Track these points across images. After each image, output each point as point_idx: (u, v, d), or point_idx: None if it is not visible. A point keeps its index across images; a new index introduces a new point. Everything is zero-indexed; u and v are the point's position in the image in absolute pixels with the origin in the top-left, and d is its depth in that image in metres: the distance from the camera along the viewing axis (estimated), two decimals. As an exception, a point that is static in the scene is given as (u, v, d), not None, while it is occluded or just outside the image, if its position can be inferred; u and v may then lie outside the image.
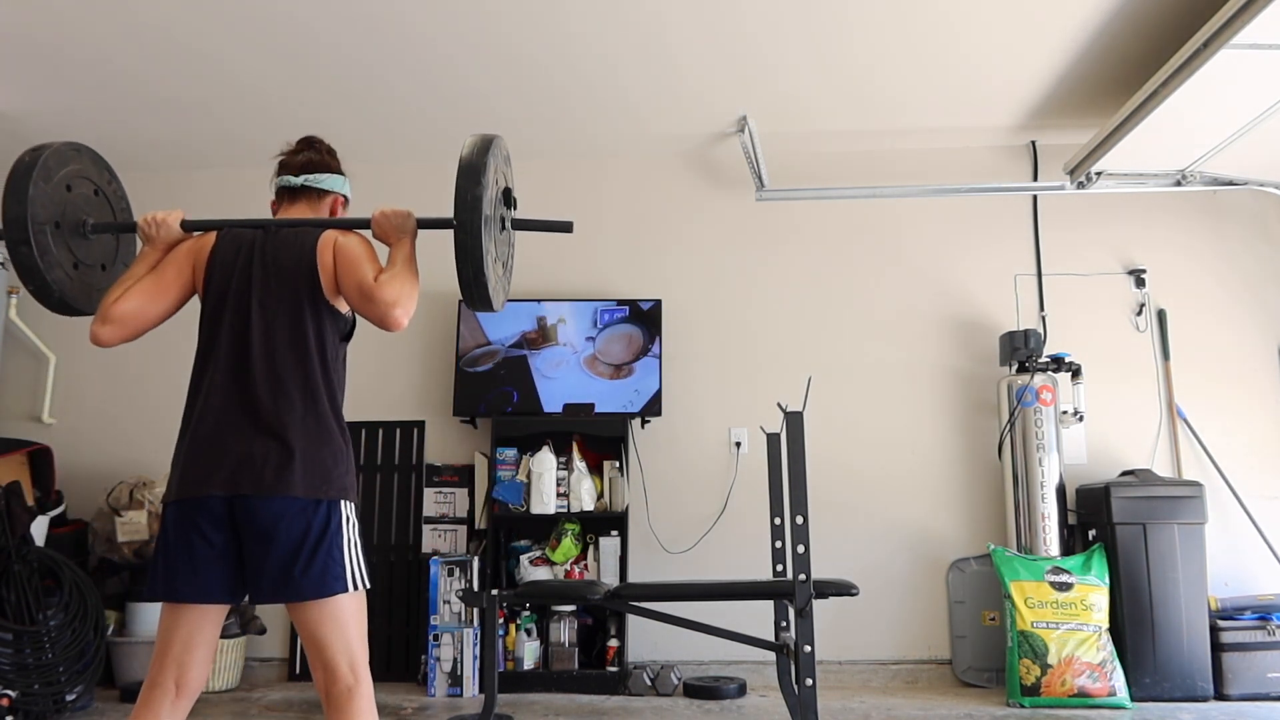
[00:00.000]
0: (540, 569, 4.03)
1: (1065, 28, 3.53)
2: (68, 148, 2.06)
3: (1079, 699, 3.57)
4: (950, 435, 4.35)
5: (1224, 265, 4.39)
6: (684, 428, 4.39)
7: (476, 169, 1.91)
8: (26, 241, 1.90)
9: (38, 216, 1.92)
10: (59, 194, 2.01)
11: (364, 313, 1.89)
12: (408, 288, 1.88)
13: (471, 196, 1.87)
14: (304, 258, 1.92)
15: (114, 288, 1.94)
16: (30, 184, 1.91)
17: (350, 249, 1.93)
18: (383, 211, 2.02)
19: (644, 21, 3.47)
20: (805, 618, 2.55)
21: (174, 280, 1.96)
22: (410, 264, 1.95)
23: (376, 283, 1.86)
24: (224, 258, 1.94)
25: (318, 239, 1.94)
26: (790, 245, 4.55)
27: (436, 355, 4.54)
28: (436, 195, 4.95)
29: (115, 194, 2.21)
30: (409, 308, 1.87)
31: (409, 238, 2.00)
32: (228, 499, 1.76)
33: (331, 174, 2.09)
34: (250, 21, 3.43)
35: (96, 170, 2.16)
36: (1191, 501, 3.78)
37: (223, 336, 1.88)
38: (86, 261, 2.08)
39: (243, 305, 1.88)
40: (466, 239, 1.87)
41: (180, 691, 1.79)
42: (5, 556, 3.55)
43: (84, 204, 2.09)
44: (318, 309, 1.90)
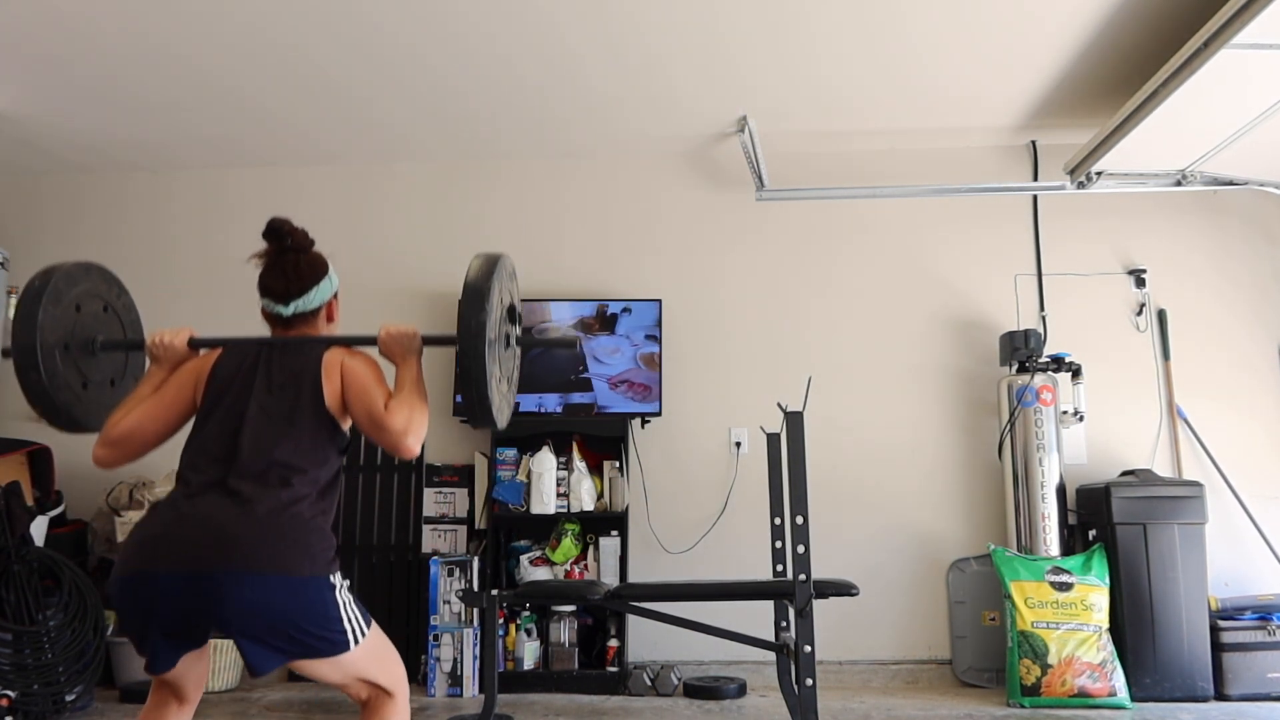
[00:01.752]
0: (540, 569, 4.03)
1: (1065, 27, 3.53)
2: (77, 268, 2.07)
3: (1079, 699, 3.57)
4: (950, 435, 4.34)
5: (1224, 265, 4.39)
6: (684, 428, 4.39)
7: (481, 294, 1.90)
8: (36, 368, 1.93)
9: (47, 342, 1.94)
10: (68, 315, 2.02)
11: (376, 440, 1.89)
12: (418, 414, 1.88)
13: (475, 323, 1.87)
14: (308, 369, 1.91)
15: (118, 409, 1.94)
16: (40, 310, 1.93)
17: (359, 375, 1.91)
18: (388, 332, 2.01)
19: (645, 21, 3.47)
20: (805, 618, 2.55)
21: (174, 400, 1.95)
22: (418, 386, 1.95)
23: (387, 411, 1.85)
24: (226, 368, 1.94)
25: (323, 354, 1.94)
26: (790, 245, 4.55)
27: (437, 355, 4.54)
28: (436, 194, 4.97)
29: (124, 307, 2.22)
30: (420, 434, 1.87)
31: (415, 357, 2.01)
32: (195, 576, 1.67)
33: (315, 284, 2.03)
34: (242, 30, 3.43)
35: (106, 286, 2.16)
36: (1192, 501, 3.78)
37: (214, 423, 1.86)
38: (95, 379, 2.10)
39: (240, 403, 1.86)
40: (470, 364, 1.87)
41: (183, 703, 1.87)
42: (5, 556, 3.55)
43: (93, 322, 2.10)
44: (317, 419, 1.87)
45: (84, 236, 4.78)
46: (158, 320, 2.43)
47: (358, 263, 4.67)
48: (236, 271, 5.20)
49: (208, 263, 4.70)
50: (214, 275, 4.68)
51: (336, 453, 1.91)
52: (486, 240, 4.64)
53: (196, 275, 4.69)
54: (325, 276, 2.05)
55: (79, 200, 4.83)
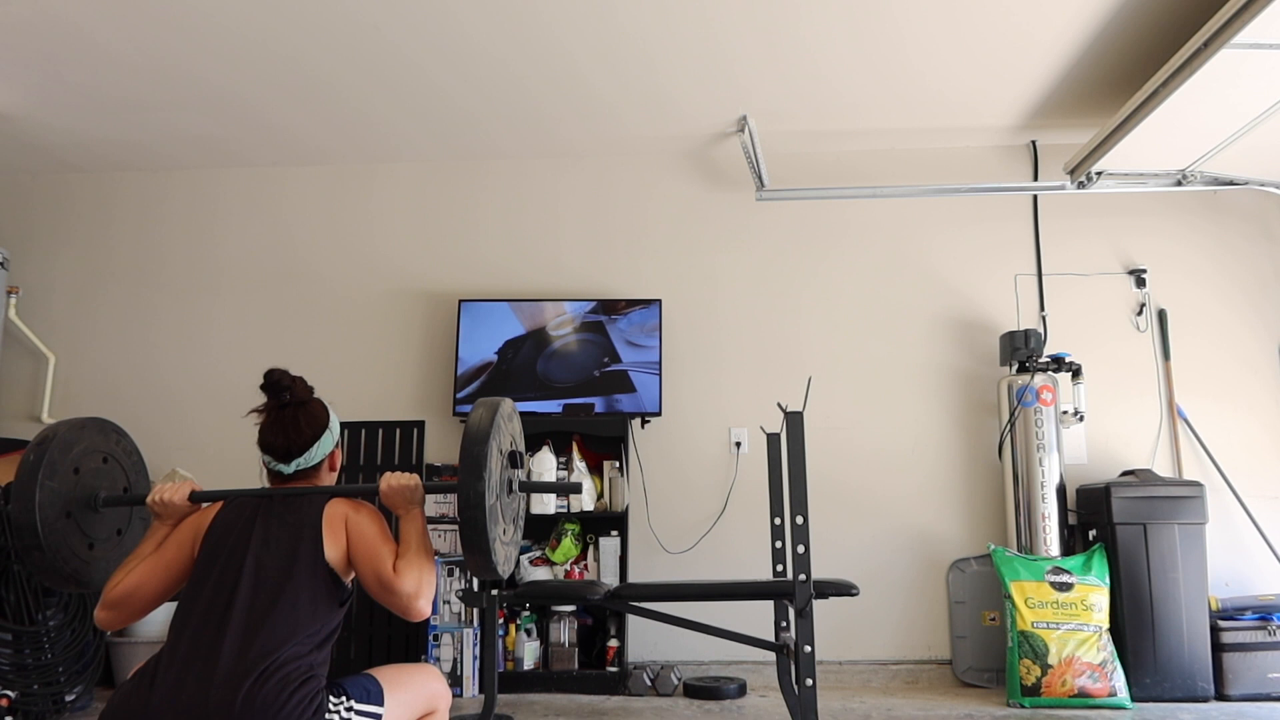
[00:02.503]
0: (540, 569, 4.03)
1: (1066, 27, 3.53)
2: (71, 431, 2.04)
3: (1079, 699, 3.57)
4: (950, 435, 4.34)
5: (1225, 265, 4.39)
6: (684, 428, 4.39)
7: (479, 461, 1.84)
8: (39, 547, 1.92)
9: (47, 518, 1.93)
10: (67, 482, 2.01)
11: (384, 603, 1.85)
12: (426, 574, 1.85)
13: (475, 494, 1.82)
14: (308, 523, 1.87)
15: (119, 569, 1.91)
16: (37, 488, 1.92)
17: (365, 533, 1.88)
18: (390, 485, 1.98)
19: (645, 22, 3.47)
20: (805, 618, 2.54)
21: (174, 558, 1.91)
22: (423, 541, 1.92)
23: (396, 575, 1.82)
24: (226, 519, 1.90)
25: (324, 505, 1.91)
26: (790, 245, 4.55)
27: (437, 355, 4.54)
28: (436, 194, 4.97)
29: (125, 452, 2.20)
30: (429, 594, 1.84)
31: (418, 509, 1.98)
32: None
33: (317, 440, 2.00)
34: (236, 33, 3.44)
35: (103, 438, 2.14)
36: (1192, 501, 3.78)
37: (208, 587, 1.79)
38: (100, 536, 2.09)
39: (236, 559, 1.81)
40: (472, 534, 1.84)
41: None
42: (4, 556, 3.55)
43: (93, 479, 2.09)
44: (316, 574, 1.82)
45: (83, 236, 4.78)
46: (159, 320, 2.46)
47: (352, 265, 4.68)
48: (233, 271, 5.21)
49: (205, 262, 4.70)
50: (210, 275, 4.68)
51: (337, 606, 1.86)
52: (487, 240, 4.65)
53: (195, 275, 4.69)
54: (326, 430, 2.02)
55: (79, 200, 4.83)
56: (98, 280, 4.73)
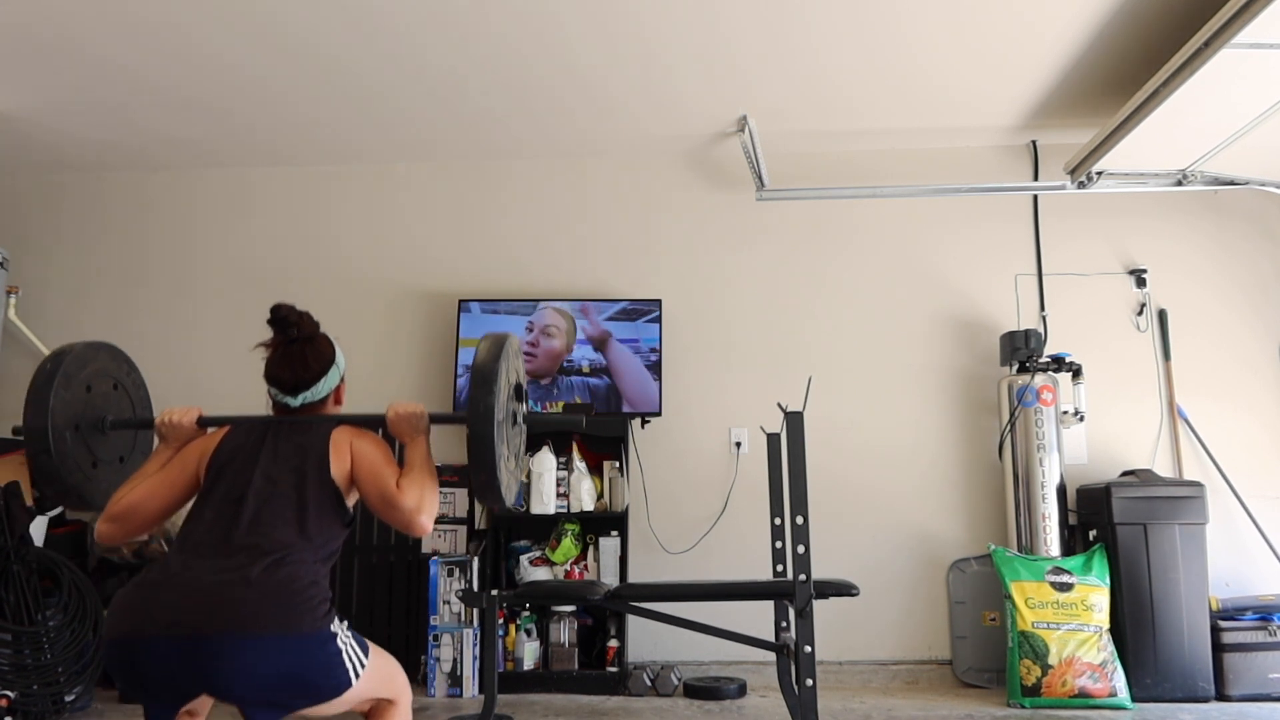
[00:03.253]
0: (540, 569, 4.03)
1: (1066, 27, 3.53)
2: (88, 349, 2.10)
3: (1080, 699, 3.57)
4: (950, 435, 4.34)
5: (1225, 265, 4.39)
6: (684, 428, 4.39)
7: (489, 377, 1.91)
8: (47, 451, 1.96)
9: (58, 425, 1.98)
10: (79, 396, 2.05)
11: (387, 519, 1.89)
12: (429, 492, 1.90)
13: (484, 406, 1.88)
14: (316, 443, 1.91)
15: (123, 486, 1.95)
16: (51, 394, 1.97)
17: (368, 456, 1.92)
18: (396, 412, 2.02)
19: (644, 22, 3.47)
20: (805, 618, 2.54)
21: (179, 477, 1.95)
22: (426, 464, 1.96)
23: (399, 490, 1.86)
24: (234, 442, 1.94)
25: (331, 431, 1.95)
26: (790, 245, 4.54)
27: (436, 355, 4.54)
28: (435, 194, 4.97)
29: (134, 384, 2.25)
30: (432, 512, 1.89)
31: (423, 436, 2.02)
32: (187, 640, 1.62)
33: (323, 374, 2.02)
34: (250, 23, 3.43)
35: (115, 365, 2.20)
36: (1192, 502, 3.78)
37: (216, 496, 1.84)
38: (104, 458, 2.13)
39: (244, 474, 1.86)
40: (480, 448, 1.89)
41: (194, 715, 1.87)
42: (4, 557, 3.54)
43: (103, 401, 2.14)
44: (322, 490, 1.87)
45: (83, 236, 4.78)
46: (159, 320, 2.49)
47: (352, 265, 4.68)
48: (234, 271, 5.20)
49: (205, 262, 4.70)
50: (210, 275, 4.68)
51: (341, 526, 1.90)
52: (486, 240, 4.65)
53: (196, 275, 4.69)
54: (333, 364, 2.05)
55: (79, 200, 4.83)
56: (98, 280, 4.73)
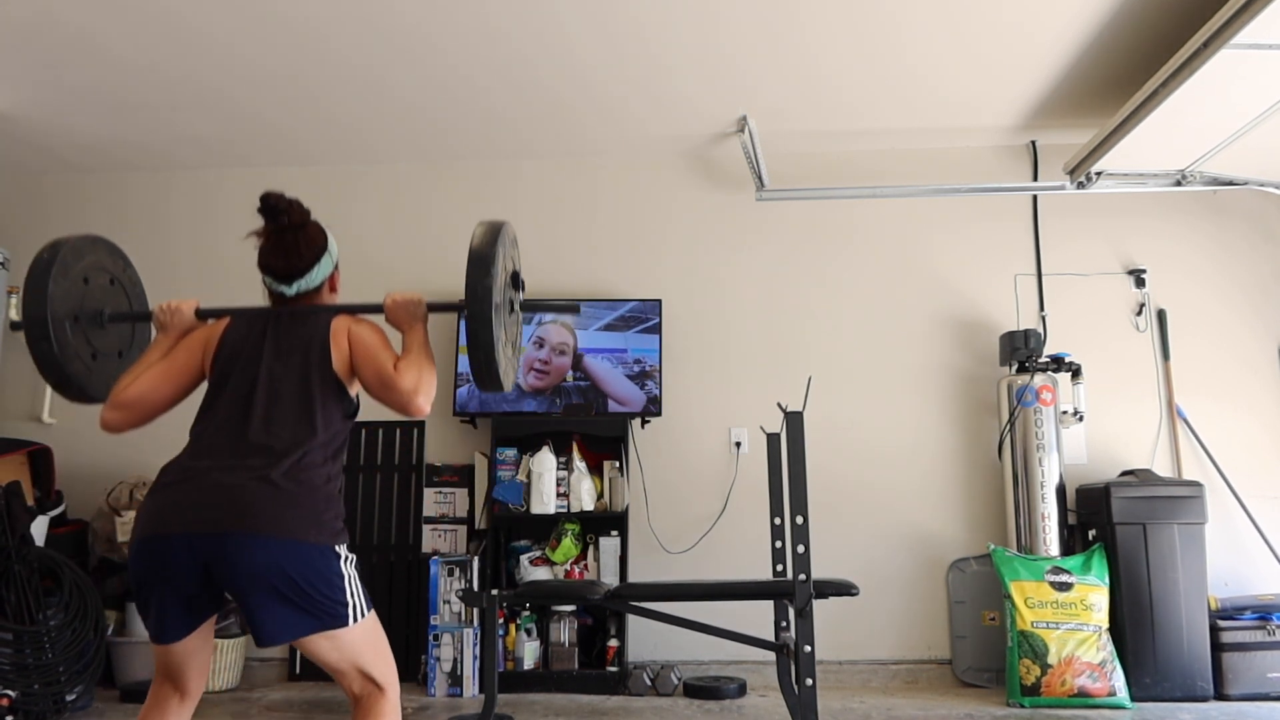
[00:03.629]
0: (540, 569, 4.03)
1: (1065, 27, 3.53)
2: (84, 241, 2.11)
3: (1079, 699, 3.57)
4: (950, 435, 4.34)
5: (1224, 265, 4.39)
6: (684, 428, 4.39)
7: (486, 260, 1.93)
8: (46, 338, 1.96)
9: (57, 313, 1.98)
10: (77, 288, 2.06)
11: (385, 401, 1.91)
12: (426, 374, 1.92)
13: (482, 288, 1.90)
14: (317, 335, 1.94)
15: (126, 374, 1.97)
16: (50, 281, 1.97)
17: (366, 340, 1.94)
18: (394, 299, 2.04)
19: (645, 22, 3.47)
20: (805, 618, 2.55)
21: (184, 365, 1.98)
22: (425, 349, 1.98)
23: (396, 371, 1.89)
24: (236, 334, 1.97)
25: (330, 321, 1.97)
26: (790, 245, 4.55)
27: (437, 355, 4.52)
28: (436, 193, 4.98)
29: (130, 281, 2.25)
30: (430, 393, 1.91)
31: (420, 323, 2.04)
32: (209, 536, 1.71)
33: (316, 261, 2.02)
34: (265, 20, 3.43)
35: (112, 260, 2.20)
36: (1192, 501, 3.78)
37: (226, 391, 1.89)
38: (104, 351, 2.13)
39: (250, 370, 1.90)
40: (478, 328, 1.90)
41: (184, 697, 1.87)
42: (5, 556, 3.55)
43: (100, 295, 2.14)
44: (325, 382, 1.91)
45: (84, 236, 4.78)
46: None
47: (352, 265, 4.67)
48: (236, 272, 5.21)
49: (207, 262, 4.70)
50: (211, 275, 4.68)
51: (344, 417, 1.95)
52: (486, 240, 4.65)
53: (196, 275, 4.69)
54: (325, 251, 2.05)
55: (79, 200, 4.83)
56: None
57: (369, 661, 1.84)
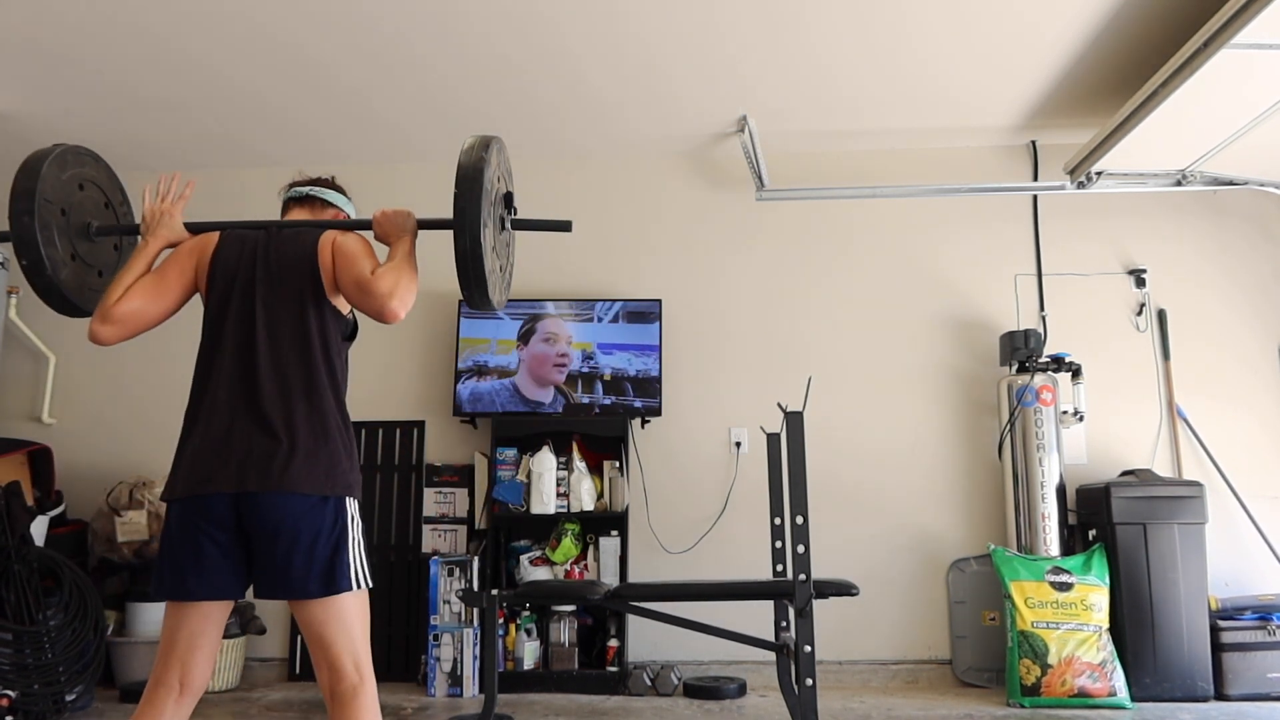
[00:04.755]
0: (540, 569, 4.03)
1: (1066, 27, 3.53)
2: (87, 152, 2.09)
3: (1079, 699, 3.57)
4: (950, 435, 4.34)
5: (1224, 265, 4.39)
6: (684, 428, 4.39)
7: (477, 169, 1.93)
8: (30, 212, 1.91)
9: (45, 194, 1.95)
10: (70, 187, 2.03)
11: (361, 306, 1.91)
12: (405, 280, 1.90)
13: (471, 197, 1.88)
14: (305, 256, 1.94)
15: (113, 286, 1.94)
16: (44, 165, 1.95)
17: (349, 246, 1.95)
18: (383, 211, 2.06)
19: (645, 22, 3.47)
20: (805, 618, 2.55)
21: (176, 280, 1.97)
22: (409, 259, 1.97)
23: (373, 275, 1.88)
24: (227, 257, 1.96)
25: (318, 238, 1.97)
26: (790, 245, 4.55)
27: (437, 355, 4.54)
28: (430, 198, 4.96)
29: (124, 214, 2.23)
30: (406, 300, 1.88)
31: (409, 236, 2.03)
32: (234, 496, 1.77)
33: (336, 189, 2.17)
34: (244, 29, 3.44)
35: (110, 183, 2.19)
36: (1192, 501, 3.78)
37: (227, 335, 1.90)
38: (86, 260, 2.09)
39: (247, 304, 1.90)
40: (466, 241, 1.88)
41: (184, 690, 1.81)
42: (5, 556, 3.55)
43: (92, 208, 2.11)
44: (320, 307, 1.92)
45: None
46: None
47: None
48: (237, 271, 5.15)
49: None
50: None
51: (343, 340, 1.97)
52: (486, 240, 4.65)
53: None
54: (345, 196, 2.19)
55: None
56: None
57: (358, 639, 1.83)
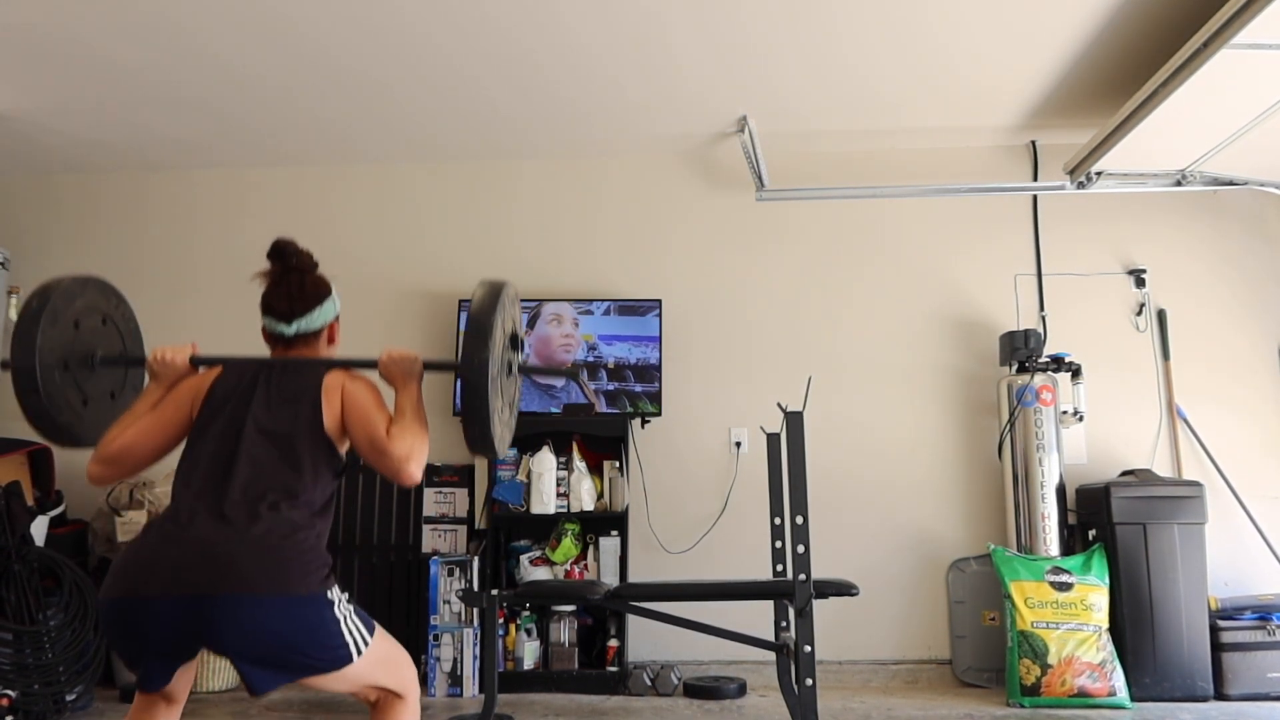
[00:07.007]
0: (540, 569, 4.03)
1: (1065, 27, 3.53)
2: (75, 284, 2.06)
3: (1079, 699, 3.57)
4: (950, 435, 4.34)
5: (1224, 265, 4.39)
6: (684, 428, 4.39)
7: (484, 329, 1.88)
8: (35, 390, 1.91)
9: (45, 363, 1.93)
10: (67, 334, 2.01)
11: (377, 466, 1.87)
12: (419, 441, 1.87)
13: (479, 360, 1.85)
14: (308, 391, 1.90)
15: (115, 426, 1.93)
16: (38, 332, 1.92)
17: (359, 399, 1.90)
18: (390, 355, 2.00)
19: (644, 21, 3.47)
20: (805, 618, 2.55)
21: (172, 418, 1.93)
22: (418, 412, 1.93)
23: (389, 437, 1.84)
24: (227, 384, 1.93)
25: (324, 376, 1.93)
26: (790, 245, 4.55)
27: (437, 350, 4.54)
28: (433, 194, 4.97)
29: (123, 317, 2.21)
30: (421, 460, 1.87)
31: (415, 382, 1.99)
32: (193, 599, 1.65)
33: (319, 304, 2.03)
34: (253, 19, 3.43)
35: (104, 299, 2.15)
36: (1191, 501, 3.78)
37: (208, 445, 1.84)
38: (94, 395, 2.09)
39: (237, 422, 1.85)
40: (475, 401, 1.86)
41: (170, 704, 1.85)
42: (5, 556, 3.55)
43: (92, 336, 2.09)
44: (315, 440, 1.86)
45: (83, 236, 4.78)
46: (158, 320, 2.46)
47: (353, 265, 4.68)
48: (241, 271, 5.19)
49: (209, 262, 4.70)
50: (214, 275, 4.68)
51: (333, 476, 1.90)
52: (486, 240, 4.65)
53: (198, 275, 4.69)
54: (328, 298, 2.05)
55: (79, 200, 4.83)
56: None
57: (381, 679, 1.85)
